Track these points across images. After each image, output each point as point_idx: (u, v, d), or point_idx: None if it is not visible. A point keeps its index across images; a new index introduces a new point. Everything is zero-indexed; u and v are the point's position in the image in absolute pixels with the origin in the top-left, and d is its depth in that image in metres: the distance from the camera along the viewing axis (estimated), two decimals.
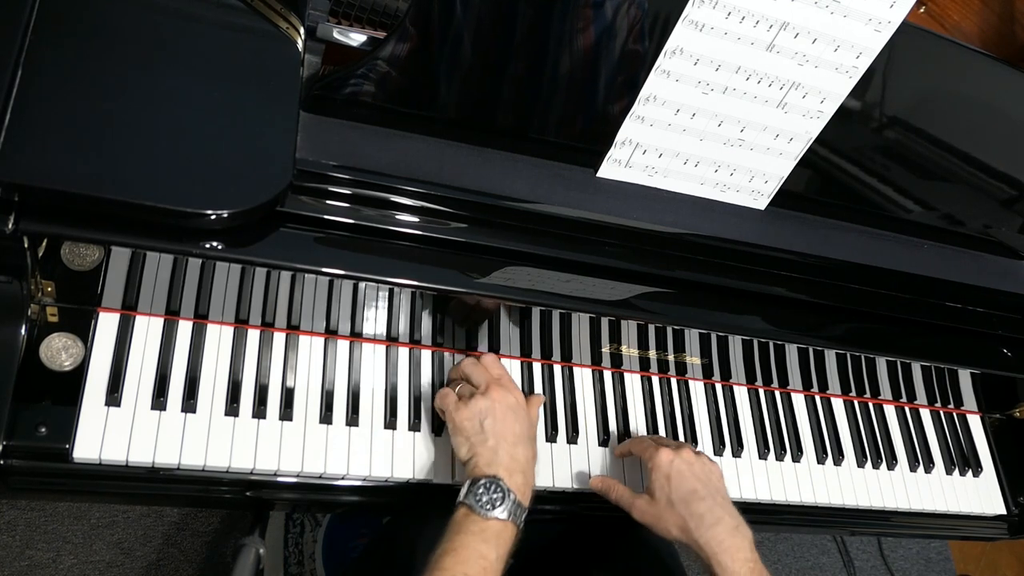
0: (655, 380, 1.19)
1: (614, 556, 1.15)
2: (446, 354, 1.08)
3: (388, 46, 0.87)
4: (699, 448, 1.17)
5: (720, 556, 0.92)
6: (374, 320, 1.02)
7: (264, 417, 0.96)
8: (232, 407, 0.95)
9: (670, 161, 0.99)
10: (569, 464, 1.08)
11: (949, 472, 1.34)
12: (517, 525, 0.88)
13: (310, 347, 1.01)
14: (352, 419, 1.00)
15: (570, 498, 1.09)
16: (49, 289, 0.87)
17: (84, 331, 0.91)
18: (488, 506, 0.86)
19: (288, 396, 0.98)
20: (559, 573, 1.20)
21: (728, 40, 0.90)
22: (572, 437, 1.10)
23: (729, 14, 0.88)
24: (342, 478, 0.98)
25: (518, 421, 0.95)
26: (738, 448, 1.19)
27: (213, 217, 0.78)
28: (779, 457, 1.21)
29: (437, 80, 0.90)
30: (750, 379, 1.24)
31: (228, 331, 0.98)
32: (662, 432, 1.15)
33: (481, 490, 0.87)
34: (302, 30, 0.88)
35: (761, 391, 1.25)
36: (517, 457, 0.92)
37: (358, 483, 0.99)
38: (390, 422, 1.01)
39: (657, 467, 0.99)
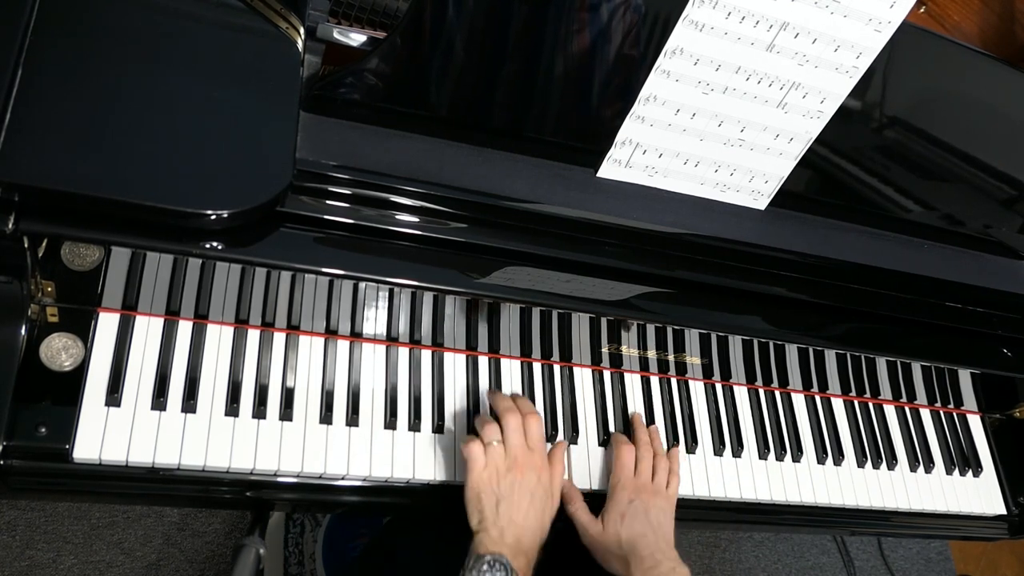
0: (655, 380, 1.19)
1: None
2: (446, 354, 1.08)
3: (388, 46, 0.87)
4: (698, 448, 1.17)
5: None
6: (374, 320, 1.02)
7: (264, 417, 0.96)
8: (232, 407, 0.95)
9: (670, 161, 0.99)
10: (569, 464, 1.08)
11: (949, 472, 1.34)
12: None
13: (310, 347, 1.01)
14: (352, 419, 1.00)
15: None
16: (49, 289, 0.87)
17: (84, 331, 0.91)
18: None
19: (288, 396, 0.98)
20: (559, 573, 1.19)
21: (728, 40, 0.90)
22: (572, 437, 1.10)
23: (729, 14, 0.88)
24: (342, 478, 0.98)
25: (532, 506, 0.96)
26: (738, 448, 1.19)
27: (213, 217, 0.78)
28: (779, 457, 1.21)
29: (437, 80, 0.90)
30: (750, 379, 1.24)
31: (228, 331, 0.98)
32: (661, 432, 1.15)
33: (485, 567, 0.89)
34: (302, 30, 0.88)
35: (761, 391, 1.25)
36: (522, 540, 0.93)
37: (358, 483, 0.99)
38: (390, 422, 1.01)
39: (616, 502, 1.02)
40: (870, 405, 1.33)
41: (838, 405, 1.31)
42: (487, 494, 0.94)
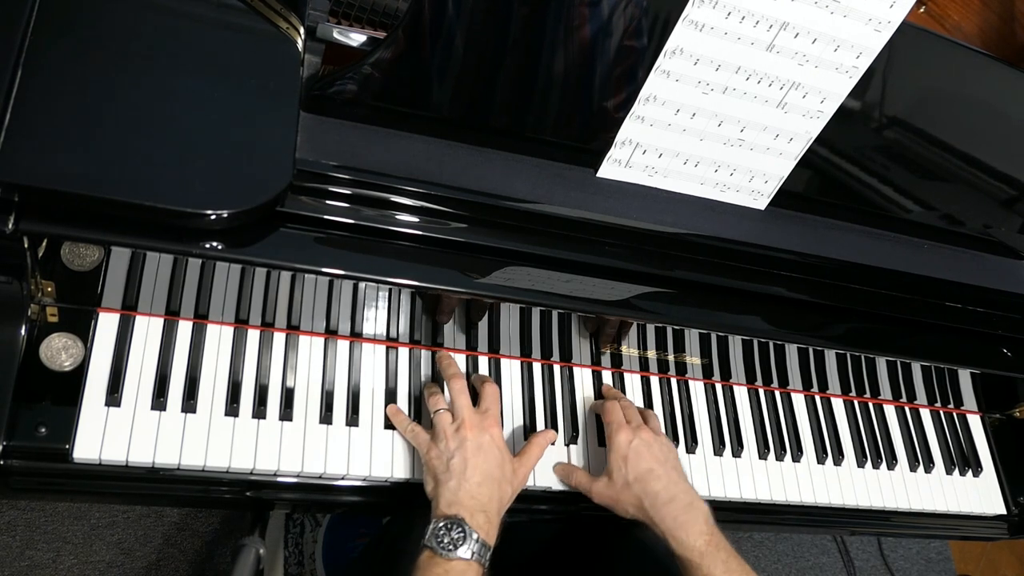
0: (655, 380, 1.19)
1: (612, 556, 1.15)
2: None
3: (388, 46, 0.87)
4: (698, 448, 1.17)
5: (676, 532, 0.95)
6: (374, 320, 1.02)
7: (264, 417, 0.96)
8: (232, 407, 0.95)
9: (670, 161, 0.99)
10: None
11: (949, 472, 1.34)
12: (482, 564, 0.87)
13: (310, 347, 1.01)
14: (352, 419, 1.00)
15: (569, 498, 1.09)
16: (49, 289, 0.87)
17: (84, 331, 0.91)
18: (450, 547, 0.86)
19: (288, 396, 0.98)
20: (558, 573, 1.19)
21: (728, 40, 0.90)
22: (572, 437, 1.10)
23: (729, 14, 0.88)
24: (342, 478, 0.98)
25: (487, 460, 0.94)
26: (738, 448, 1.19)
27: (213, 217, 0.78)
28: (779, 457, 1.22)
29: (437, 80, 0.90)
30: (750, 379, 1.24)
31: (228, 331, 0.98)
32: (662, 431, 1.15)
33: (442, 531, 0.87)
34: (302, 30, 0.88)
35: (761, 391, 1.25)
36: (478, 496, 0.91)
37: (358, 483, 0.99)
38: (390, 422, 1.01)
39: (616, 448, 1.01)
40: (870, 405, 1.33)
41: (838, 405, 1.31)
42: (437, 459, 0.94)
